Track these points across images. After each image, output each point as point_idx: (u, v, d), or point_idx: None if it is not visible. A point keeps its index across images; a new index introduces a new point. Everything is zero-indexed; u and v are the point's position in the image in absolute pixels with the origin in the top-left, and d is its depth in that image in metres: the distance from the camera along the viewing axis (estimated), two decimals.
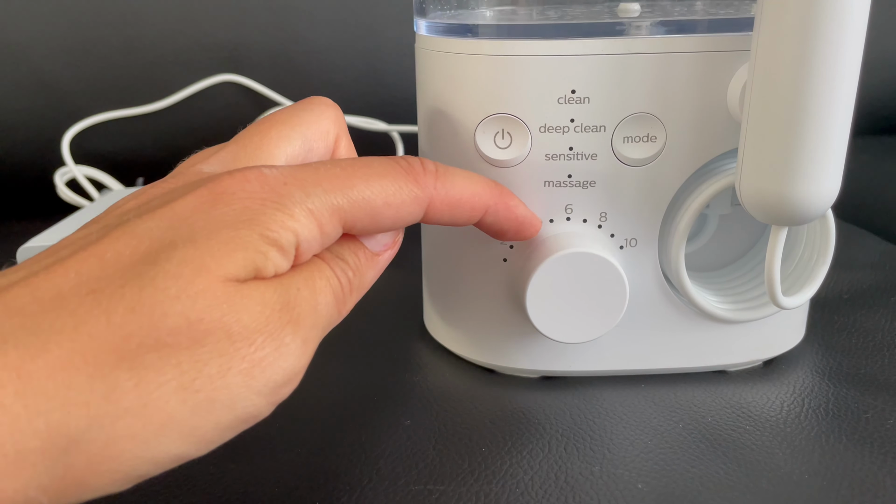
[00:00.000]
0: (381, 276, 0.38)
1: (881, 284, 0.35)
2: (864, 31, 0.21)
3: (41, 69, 0.45)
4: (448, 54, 0.26)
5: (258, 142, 0.21)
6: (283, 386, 0.17)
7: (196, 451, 0.16)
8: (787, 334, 0.29)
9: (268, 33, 0.46)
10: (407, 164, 0.21)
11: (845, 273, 0.36)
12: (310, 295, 0.18)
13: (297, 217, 0.18)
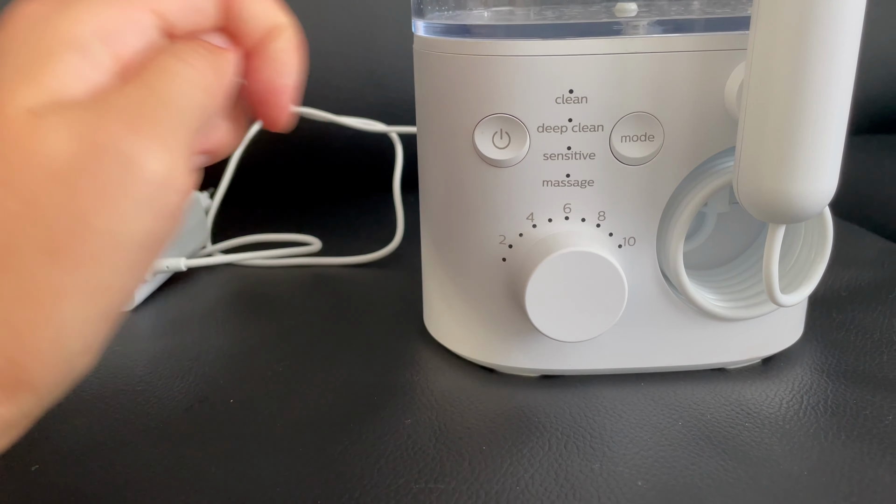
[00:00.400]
0: (383, 277, 0.38)
1: (879, 281, 0.35)
2: (859, 30, 0.21)
3: None
4: (446, 55, 0.26)
5: None
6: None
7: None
8: (785, 332, 0.29)
9: None
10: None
11: (843, 270, 0.36)
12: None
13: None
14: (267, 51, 0.19)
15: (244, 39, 0.19)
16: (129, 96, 0.16)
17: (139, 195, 0.15)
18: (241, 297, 0.36)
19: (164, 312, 0.34)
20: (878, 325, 0.31)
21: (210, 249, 0.40)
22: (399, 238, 0.40)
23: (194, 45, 0.18)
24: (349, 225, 0.45)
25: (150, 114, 0.16)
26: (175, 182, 0.16)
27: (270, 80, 0.19)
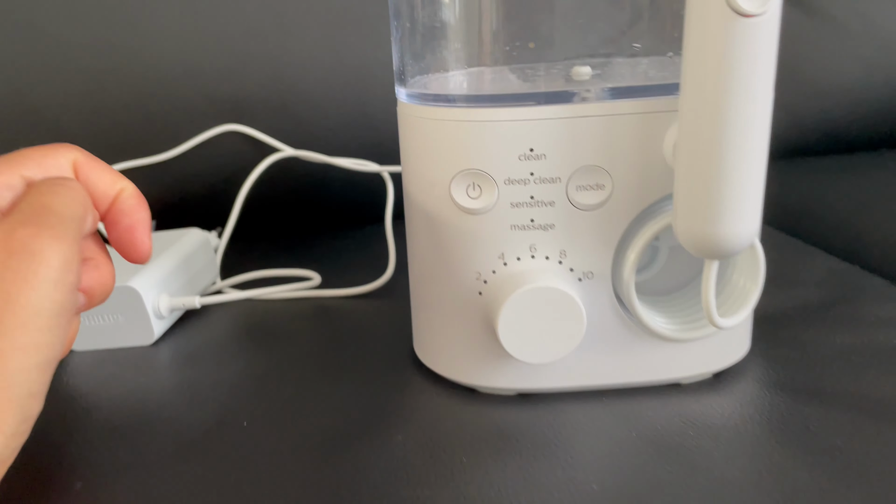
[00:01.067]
0: (377, 307, 0.42)
1: (822, 301, 0.39)
2: (770, 95, 0.25)
3: (60, 124, 0.49)
4: (425, 119, 0.30)
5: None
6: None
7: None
8: (732, 349, 0.33)
9: (266, 86, 0.50)
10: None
11: (792, 290, 0.40)
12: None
13: None
14: (117, 205, 0.26)
15: (98, 204, 0.26)
16: (27, 211, 0.22)
17: (48, 278, 0.21)
18: (250, 330, 0.39)
19: (182, 346, 0.38)
20: (816, 341, 0.35)
21: (220, 285, 0.44)
22: (391, 270, 0.44)
23: (63, 177, 0.24)
24: (346, 258, 0.49)
25: (45, 220, 0.22)
26: (72, 266, 0.22)
27: (124, 223, 0.26)
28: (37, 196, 0.23)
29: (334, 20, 0.50)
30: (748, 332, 0.34)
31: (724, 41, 0.24)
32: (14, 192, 0.24)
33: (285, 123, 0.51)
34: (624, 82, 0.30)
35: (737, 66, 0.24)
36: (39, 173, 0.24)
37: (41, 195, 0.23)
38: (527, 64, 0.32)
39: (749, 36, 0.24)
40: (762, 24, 0.23)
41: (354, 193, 0.53)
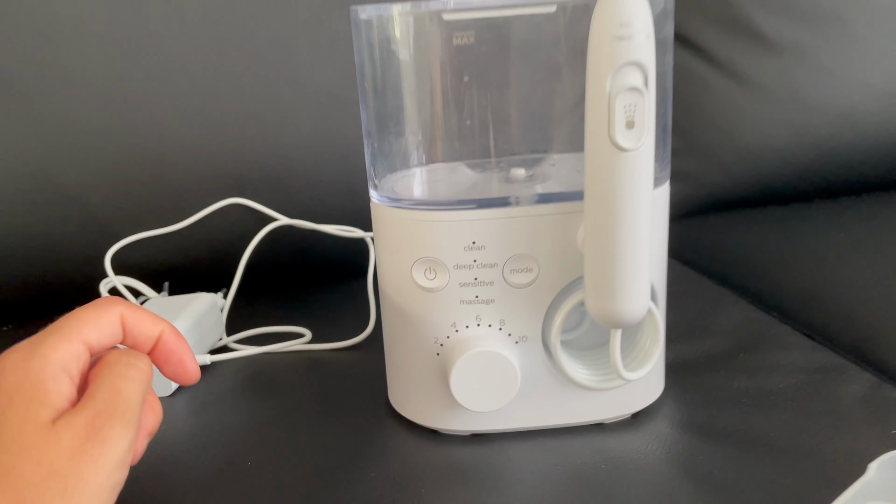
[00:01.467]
0: (359, 359, 0.49)
1: (730, 348, 0.47)
2: (648, 206, 0.32)
3: (86, 200, 0.57)
4: (392, 218, 0.38)
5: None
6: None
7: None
8: (648, 392, 0.41)
9: (265, 163, 0.58)
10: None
11: (706, 338, 0.48)
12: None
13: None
14: (161, 345, 0.32)
15: (142, 347, 0.32)
16: (100, 399, 0.27)
17: (114, 461, 0.26)
18: (252, 382, 0.47)
19: (195, 396, 0.46)
20: (719, 385, 0.42)
21: (226, 341, 0.52)
22: (372, 325, 0.51)
23: (131, 352, 0.30)
24: (335, 311, 0.56)
25: (117, 409, 0.27)
26: (132, 446, 0.27)
27: (174, 359, 0.32)
28: (112, 380, 0.28)
29: (324, 106, 0.59)
30: (661, 376, 0.42)
31: (611, 167, 0.31)
32: (80, 361, 0.28)
33: (282, 196, 0.59)
34: (548, 188, 0.37)
35: (620, 185, 0.32)
36: (97, 336, 0.29)
37: (115, 379, 0.28)
38: (474, 160, 0.40)
39: (628, 164, 0.31)
40: (637, 156, 0.31)
41: (342, 254, 0.61)
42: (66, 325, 0.29)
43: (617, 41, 0.29)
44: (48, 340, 0.28)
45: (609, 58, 0.30)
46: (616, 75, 0.30)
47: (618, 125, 0.30)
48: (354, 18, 0.36)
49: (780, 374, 0.43)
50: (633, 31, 0.29)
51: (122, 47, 0.56)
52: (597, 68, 0.30)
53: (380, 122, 0.39)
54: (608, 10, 0.29)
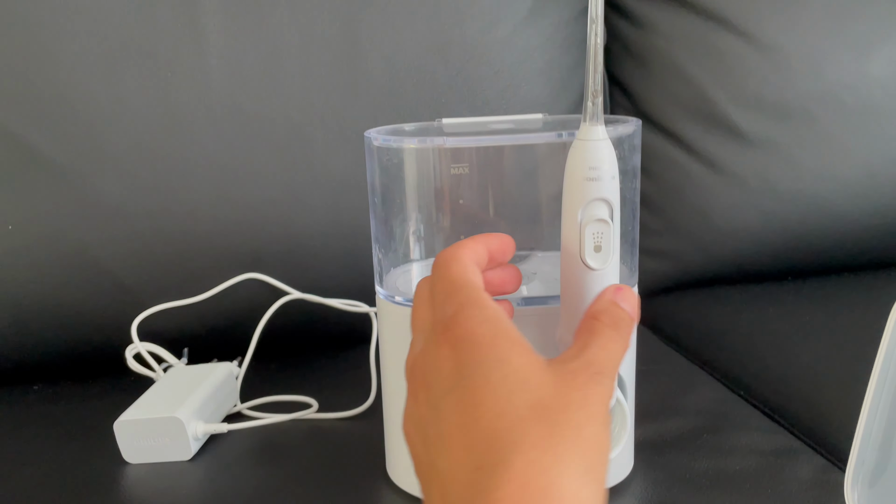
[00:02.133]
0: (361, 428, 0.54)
1: (696, 429, 0.52)
2: None
3: (115, 273, 0.62)
4: (395, 313, 0.43)
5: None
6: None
7: None
8: (619, 469, 0.46)
9: (279, 242, 0.64)
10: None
11: (675, 418, 0.53)
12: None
13: None
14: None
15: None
16: (594, 355, 0.28)
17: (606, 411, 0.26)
18: (265, 449, 0.52)
19: (213, 462, 0.50)
20: (683, 465, 0.47)
21: (240, 407, 0.57)
22: (373, 397, 0.56)
23: (620, 321, 0.31)
24: (340, 380, 0.62)
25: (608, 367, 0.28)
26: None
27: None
28: (606, 340, 0.29)
29: (335, 191, 0.65)
30: (631, 455, 0.47)
31: (582, 282, 0.36)
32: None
33: (294, 271, 0.64)
34: (532, 290, 0.43)
35: (590, 296, 0.35)
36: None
37: (609, 341, 0.29)
38: None
39: (596, 280, 0.35)
40: (604, 273, 0.35)
41: (348, 324, 0.66)
42: (457, 284, 0.30)
43: (587, 181, 0.34)
44: (477, 295, 0.29)
45: (580, 194, 0.34)
46: (586, 208, 0.34)
47: (587, 249, 0.35)
48: (368, 144, 0.42)
49: (739, 455, 0.48)
50: (600, 173, 0.34)
51: (153, 131, 0.62)
52: (570, 202, 0.35)
53: (386, 228, 0.44)
54: (580, 156, 0.34)
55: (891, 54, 0.74)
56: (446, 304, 0.29)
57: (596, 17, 0.33)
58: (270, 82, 0.64)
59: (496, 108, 0.68)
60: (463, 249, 0.33)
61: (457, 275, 0.31)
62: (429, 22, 0.66)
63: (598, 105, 0.34)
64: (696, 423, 0.53)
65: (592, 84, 0.33)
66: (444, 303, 0.29)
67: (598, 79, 0.34)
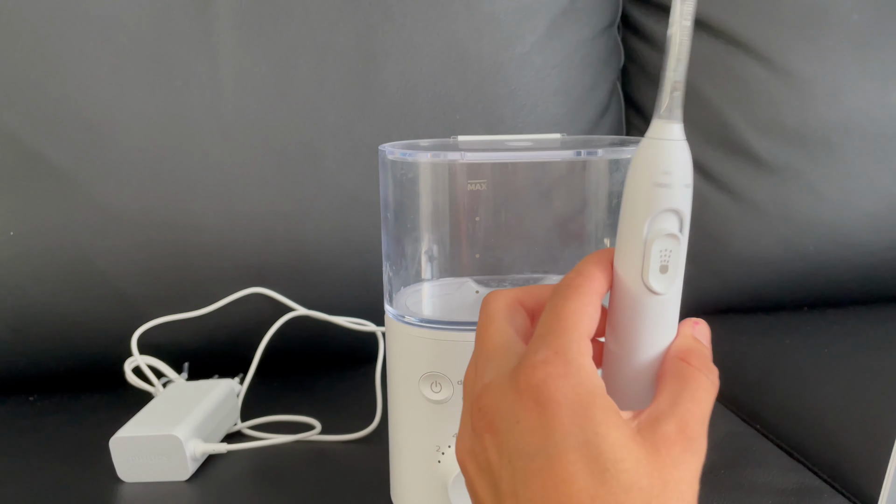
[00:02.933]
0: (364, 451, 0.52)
1: (715, 463, 0.49)
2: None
3: (120, 286, 0.61)
4: (404, 333, 0.42)
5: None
6: None
7: None
8: None
9: (285, 257, 0.62)
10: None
11: None
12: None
13: None
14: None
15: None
16: (686, 410, 0.26)
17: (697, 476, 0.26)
18: (265, 471, 0.50)
19: (212, 483, 0.49)
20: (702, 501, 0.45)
21: (240, 426, 0.55)
22: (378, 419, 0.55)
23: (710, 366, 0.29)
24: (343, 401, 0.60)
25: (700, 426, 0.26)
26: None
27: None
28: (698, 395, 0.27)
29: (345, 207, 0.63)
30: None
31: (640, 309, 0.30)
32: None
33: (300, 287, 0.63)
34: None
35: (648, 327, 0.30)
36: (589, 326, 0.28)
37: (701, 394, 0.27)
38: (480, 276, 0.44)
39: (658, 307, 0.30)
40: (668, 300, 0.30)
41: (353, 343, 0.64)
42: (563, 324, 0.27)
43: (657, 188, 0.29)
44: (572, 348, 0.27)
45: (648, 203, 0.29)
46: (654, 221, 0.29)
47: (652, 269, 0.29)
48: (382, 158, 0.41)
49: (758, 494, 0.46)
50: (673, 179, 0.29)
51: (162, 141, 0.61)
52: (634, 212, 0.29)
53: (398, 245, 0.43)
54: (650, 157, 0.29)
55: None
56: (541, 344, 0.27)
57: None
58: (282, 94, 0.63)
59: (511, 126, 0.67)
60: (592, 284, 0.29)
61: (571, 311, 0.28)
62: (445, 38, 0.65)
63: (678, 100, 0.28)
64: (713, 457, 0.50)
65: (674, 73, 0.28)
66: (540, 338, 0.27)
67: (681, 68, 0.28)
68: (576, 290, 0.29)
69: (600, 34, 0.72)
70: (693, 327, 0.31)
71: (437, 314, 0.43)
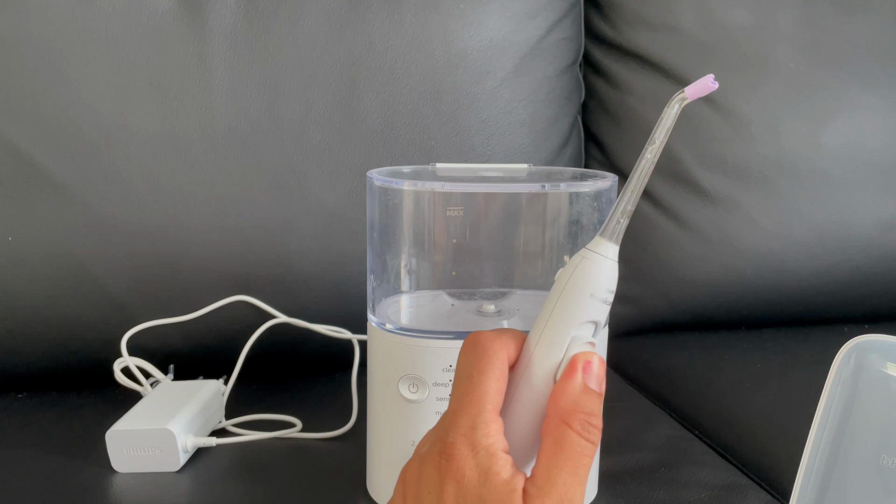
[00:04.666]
0: (342, 449, 0.56)
1: (654, 463, 0.56)
2: None
3: (110, 291, 0.65)
4: (385, 339, 0.47)
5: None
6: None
7: None
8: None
9: (269, 267, 0.67)
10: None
11: (635, 452, 0.57)
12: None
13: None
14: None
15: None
16: (563, 484, 0.29)
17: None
18: (249, 464, 0.54)
19: (199, 473, 0.53)
20: (641, 496, 0.51)
21: (225, 424, 0.59)
22: (354, 418, 0.59)
23: (591, 414, 0.30)
24: (322, 402, 0.64)
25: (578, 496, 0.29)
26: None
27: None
28: (574, 462, 0.29)
29: (326, 222, 0.68)
30: (595, 483, 0.50)
31: (543, 398, 0.33)
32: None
33: (282, 295, 0.67)
34: (512, 324, 0.47)
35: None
36: (500, 391, 0.31)
37: (577, 460, 0.29)
38: (454, 289, 0.49)
39: None
40: None
41: (331, 349, 0.69)
42: (473, 404, 0.30)
43: (592, 299, 0.31)
44: (478, 431, 0.30)
45: (581, 312, 0.32)
46: (580, 328, 0.32)
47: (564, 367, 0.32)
48: (370, 183, 0.46)
49: (692, 489, 0.52)
50: (608, 296, 0.32)
51: (156, 156, 0.66)
52: (565, 316, 0.32)
53: (382, 261, 0.48)
54: (592, 271, 0.31)
55: (842, 127, 0.81)
56: (451, 425, 0.31)
57: (657, 139, 0.31)
58: (271, 117, 0.68)
59: (482, 153, 0.73)
60: (504, 354, 0.32)
61: (483, 391, 0.31)
62: (423, 71, 0.71)
63: (623, 226, 0.32)
64: (655, 457, 0.57)
65: (626, 203, 0.31)
66: (452, 416, 0.31)
67: (634, 200, 0.31)
68: (489, 365, 0.32)
69: (564, 72, 0.79)
70: (584, 373, 0.31)
71: (415, 323, 0.49)
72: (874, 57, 0.83)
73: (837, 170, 0.81)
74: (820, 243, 0.82)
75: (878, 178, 0.82)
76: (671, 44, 0.80)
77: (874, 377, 0.40)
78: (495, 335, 0.33)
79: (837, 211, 0.81)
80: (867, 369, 0.40)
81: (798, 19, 0.81)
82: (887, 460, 0.39)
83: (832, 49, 0.82)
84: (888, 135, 0.83)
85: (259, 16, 0.68)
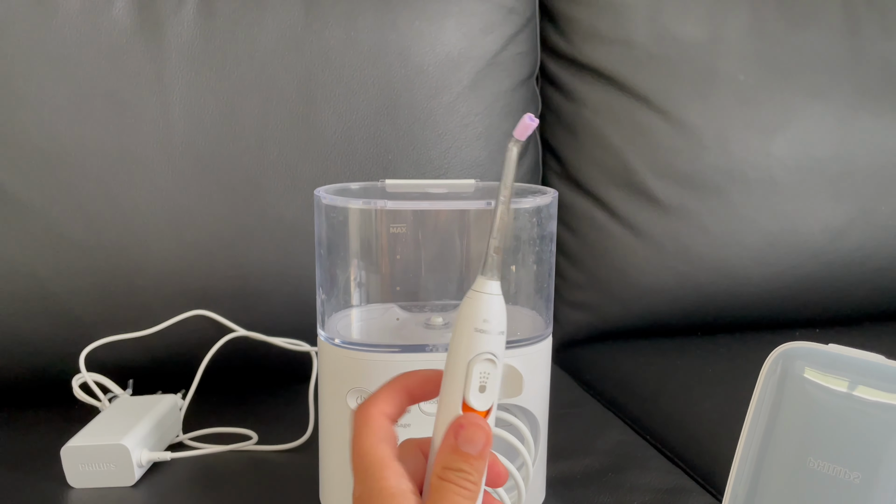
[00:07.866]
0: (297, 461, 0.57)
1: (603, 467, 0.57)
2: None
3: (70, 307, 0.65)
4: (333, 355, 0.48)
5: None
6: None
7: None
8: (533, 498, 0.51)
9: (227, 281, 0.68)
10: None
11: (585, 457, 0.58)
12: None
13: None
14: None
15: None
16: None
17: None
18: (205, 478, 0.55)
19: (154, 487, 0.53)
20: (587, 499, 0.53)
21: (182, 438, 0.60)
22: (310, 430, 0.60)
23: (469, 468, 0.33)
24: (279, 414, 0.65)
25: None
26: None
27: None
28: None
29: (284, 236, 0.69)
30: (543, 488, 0.52)
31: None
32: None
33: (240, 309, 0.68)
34: None
35: None
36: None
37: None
38: (405, 302, 0.51)
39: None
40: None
41: (289, 361, 0.70)
42: (368, 464, 0.34)
43: (477, 333, 0.34)
44: (377, 485, 0.33)
45: (469, 345, 0.34)
46: (473, 360, 0.34)
47: (472, 390, 0.34)
48: (318, 201, 0.48)
49: (638, 492, 0.54)
50: (490, 327, 0.34)
51: (114, 172, 0.66)
52: (458, 351, 0.34)
53: (330, 277, 0.49)
54: (474, 307, 0.34)
55: (790, 137, 0.84)
56: (358, 481, 0.34)
57: (507, 183, 0.34)
58: (229, 133, 0.68)
59: (439, 167, 0.74)
60: (374, 410, 0.36)
61: (364, 450, 0.34)
62: (380, 86, 0.72)
63: (497, 262, 0.34)
64: (604, 462, 0.58)
65: (495, 241, 0.34)
66: (355, 477, 0.34)
67: (500, 236, 0.34)
68: (366, 424, 0.35)
69: (520, 85, 0.81)
70: (456, 436, 0.34)
71: (363, 338, 0.50)
72: (822, 68, 0.85)
73: (787, 179, 0.84)
74: (771, 250, 0.84)
75: (827, 186, 0.85)
76: (625, 57, 0.82)
77: (798, 383, 0.42)
78: (366, 401, 0.36)
79: (787, 219, 0.84)
80: (791, 375, 0.42)
81: (748, 32, 0.84)
82: (814, 462, 0.41)
83: (781, 61, 0.85)
84: (836, 144, 0.85)
85: (216, 32, 0.69)
